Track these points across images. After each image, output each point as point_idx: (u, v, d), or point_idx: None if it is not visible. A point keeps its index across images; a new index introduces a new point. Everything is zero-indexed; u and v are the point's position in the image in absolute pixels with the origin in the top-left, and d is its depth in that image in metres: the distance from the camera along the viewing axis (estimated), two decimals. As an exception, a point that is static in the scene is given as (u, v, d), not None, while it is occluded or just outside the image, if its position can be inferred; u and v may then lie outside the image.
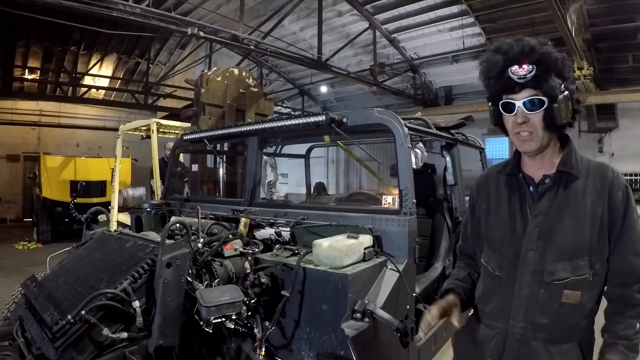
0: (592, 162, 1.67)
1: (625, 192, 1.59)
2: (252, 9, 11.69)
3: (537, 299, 1.61)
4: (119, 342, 2.09)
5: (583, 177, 1.62)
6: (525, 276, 1.63)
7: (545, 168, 1.67)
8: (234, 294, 2.13)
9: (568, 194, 1.61)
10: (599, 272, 1.59)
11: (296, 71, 16.53)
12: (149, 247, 2.48)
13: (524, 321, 1.63)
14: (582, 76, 9.56)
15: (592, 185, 1.60)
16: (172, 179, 4.90)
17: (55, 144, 17.61)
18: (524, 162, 1.74)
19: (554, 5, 6.88)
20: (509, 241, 1.70)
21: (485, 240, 1.84)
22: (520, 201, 1.71)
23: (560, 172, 1.64)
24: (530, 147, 1.61)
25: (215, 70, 5.96)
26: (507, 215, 1.74)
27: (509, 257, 1.69)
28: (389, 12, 11.90)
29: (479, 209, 1.88)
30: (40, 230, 12.09)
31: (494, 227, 1.79)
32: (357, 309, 2.19)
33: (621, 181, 1.61)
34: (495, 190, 1.82)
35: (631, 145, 12.11)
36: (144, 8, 7.77)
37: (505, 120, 1.66)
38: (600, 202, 1.58)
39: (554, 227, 1.60)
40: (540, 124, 1.57)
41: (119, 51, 16.40)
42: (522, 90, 1.56)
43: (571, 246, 1.57)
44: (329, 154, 18.55)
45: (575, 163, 1.64)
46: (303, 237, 2.85)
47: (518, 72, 1.53)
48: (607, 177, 1.61)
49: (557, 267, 1.58)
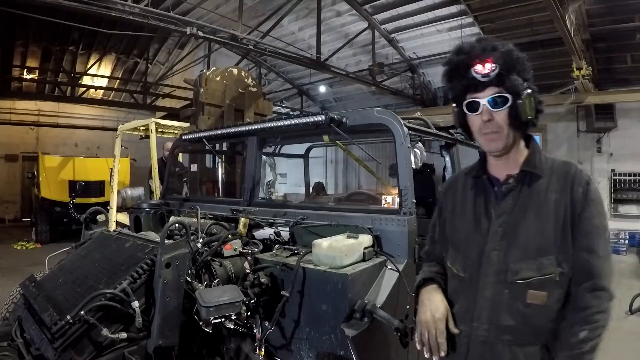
0: (556, 161, 1.67)
1: (585, 188, 1.57)
2: (251, 8, 11.67)
3: (501, 300, 1.58)
4: (118, 343, 2.09)
5: (547, 176, 1.61)
6: (489, 276, 1.61)
7: (510, 168, 1.67)
8: (233, 294, 2.13)
9: (531, 193, 1.60)
10: (567, 271, 1.54)
11: (295, 71, 16.52)
12: (148, 247, 2.48)
13: (487, 323, 1.59)
14: (581, 76, 9.55)
15: (555, 183, 1.60)
16: (171, 179, 4.89)
17: (53, 144, 17.60)
18: (490, 163, 1.74)
19: (553, 5, 6.87)
20: (473, 242, 1.68)
21: (450, 242, 1.82)
22: (485, 202, 1.70)
23: (523, 171, 1.63)
24: (496, 146, 1.60)
25: (214, 70, 5.95)
26: (471, 216, 1.72)
27: (473, 258, 1.67)
28: (387, 12, 11.89)
29: (445, 212, 1.87)
30: (38, 230, 12.09)
31: (459, 228, 1.77)
32: (357, 308, 2.18)
33: (582, 177, 1.59)
34: (462, 192, 1.81)
35: (630, 145, 12.13)
36: (143, 8, 7.76)
37: (470, 121, 1.65)
38: (563, 199, 1.56)
39: (517, 226, 1.59)
40: (505, 122, 1.57)
41: (117, 51, 16.37)
42: (486, 89, 1.56)
43: (535, 245, 1.55)
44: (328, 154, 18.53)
45: (538, 162, 1.64)
46: (302, 237, 2.84)
47: (481, 71, 1.54)
48: (569, 173, 1.60)
49: (522, 267, 1.55)
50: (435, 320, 1.66)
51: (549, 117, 13.08)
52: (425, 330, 1.66)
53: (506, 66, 1.54)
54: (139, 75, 17.28)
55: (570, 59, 9.30)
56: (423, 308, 1.72)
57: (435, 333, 1.64)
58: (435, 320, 1.66)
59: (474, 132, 1.66)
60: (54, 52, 15.44)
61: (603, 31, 10.51)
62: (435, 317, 1.67)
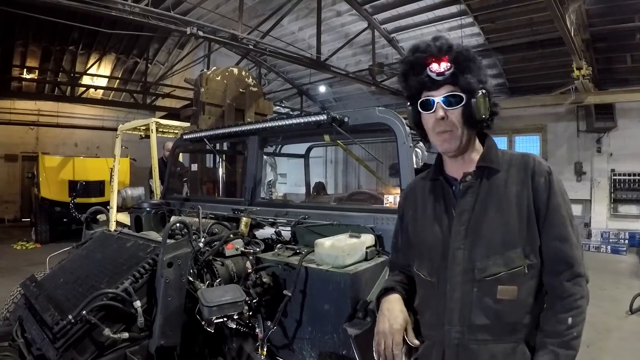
0: (514, 155, 1.65)
1: (547, 178, 1.55)
2: (251, 8, 11.67)
3: (471, 299, 1.53)
4: (120, 343, 2.08)
5: (504, 170, 1.60)
6: (456, 277, 1.56)
7: (467, 167, 1.65)
8: (235, 294, 2.13)
9: (491, 188, 1.59)
10: (535, 263, 1.53)
11: (295, 71, 16.51)
12: (149, 246, 2.47)
13: (459, 325, 1.54)
14: (581, 76, 9.56)
15: (515, 175, 1.58)
16: (172, 178, 4.89)
17: (53, 144, 17.59)
18: (446, 164, 1.71)
19: (553, 5, 6.87)
20: (437, 244, 1.65)
21: (414, 248, 1.78)
22: (444, 203, 1.67)
23: (480, 167, 1.62)
24: (450, 145, 1.58)
25: (215, 69, 5.95)
26: (432, 219, 1.70)
27: (438, 261, 1.63)
28: (387, 12, 11.88)
29: (407, 218, 1.84)
30: (38, 230, 12.07)
31: (421, 232, 1.74)
32: (360, 308, 2.18)
33: (543, 167, 1.58)
34: (421, 197, 1.78)
35: (629, 145, 12.13)
36: (143, 7, 7.75)
37: (425, 120, 1.63)
38: (525, 190, 1.55)
39: (480, 223, 1.56)
40: (459, 121, 1.55)
41: (117, 51, 16.36)
42: (441, 87, 1.55)
43: (500, 239, 1.53)
44: (328, 154, 18.54)
45: (495, 157, 1.62)
46: (304, 237, 2.84)
47: (437, 70, 1.54)
48: (528, 165, 1.58)
49: (488, 263, 1.52)
50: (393, 331, 1.62)
51: (548, 117, 13.10)
52: (382, 341, 1.62)
53: (461, 65, 1.54)
54: (138, 75, 17.26)
55: (570, 59, 9.31)
56: (382, 318, 1.68)
57: (392, 344, 1.60)
58: (392, 331, 1.62)
59: (427, 131, 1.64)
60: (53, 51, 15.42)
61: (603, 31, 10.51)
62: (393, 327, 1.63)
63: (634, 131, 12.08)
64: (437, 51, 1.54)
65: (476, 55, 1.58)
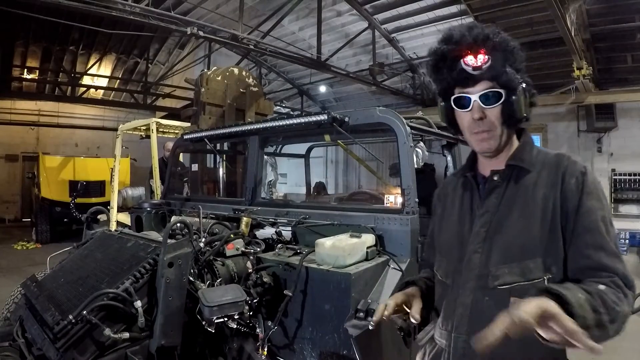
0: (549, 154, 1.48)
1: (580, 178, 1.36)
2: (251, 8, 11.68)
3: (481, 308, 1.38)
4: (120, 343, 2.08)
5: (536, 171, 1.43)
6: (469, 282, 1.43)
7: (498, 164, 1.50)
8: (236, 294, 2.13)
9: (518, 189, 1.43)
10: (556, 275, 1.33)
11: (295, 71, 16.52)
12: (150, 246, 2.47)
13: (467, 334, 1.39)
14: (582, 76, 9.56)
15: (545, 177, 1.41)
16: (172, 178, 4.89)
17: (53, 144, 17.62)
18: (480, 161, 1.58)
19: (554, 5, 6.87)
20: (455, 244, 1.53)
21: (437, 246, 1.68)
22: (470, 202, 1.55)
23: (509, 166, 1.47)
24: (489, 146, 1.45)
25: (215, 69, 5.95)
26: (457, 217, 1.58)
27: (455, 262, 1.51)
28: (388, 11, 11.89)
29: (435, 216, 1.75)
30: (39, 231, 12.09)
31: (444, 231, 1.64)
32: (360, 308, 2.18)
33: (576, 167, 1.39)
34: (452, 194, 1.66)
35: (630, 145, 12.13)
36: (144, 7, 7.76)
37: (459, 118, 1.49)
38: (552, 194, 1.37)
39: (501, 226, 1.42)
40: (498, 120, 1.41)
41: (117, 51, 16.39)
42: (478, 83, 1.39)
43: (519, 246, 1.36)
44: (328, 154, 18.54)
45: (527, 156, 1.47)
46: (305, 237, 2.84)
47: (473, 63, 1.38)
48: (560, 166, 1.41)
49: (503, 271, 1.37)
50: (392, 298, 1.55)
51: (549, 117, 13.09)
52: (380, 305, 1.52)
53: (500, 58, 1.38)
54: (139, 75, 17.29)
55: (571, 59, 9.30)
56: None
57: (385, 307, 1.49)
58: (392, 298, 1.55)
59: (463, 129, 1.50)
60: (54, 52, 15.45)
61: (603, 31, 10.51)
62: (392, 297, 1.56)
63: (634, 131, 12.08)
64: (473, 42, 1.38)
65: (515, 44, 1.42)
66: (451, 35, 1.42)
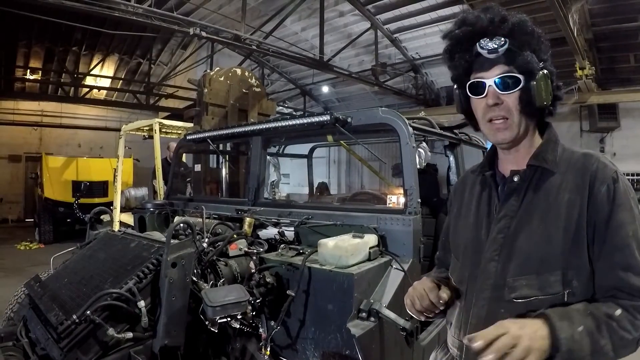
0: (575, 153, 1.36)
1: (611, 187, 1.25)
2: (253, 9, 11.69)
3: (496, 320, 1.21)
4: (124, 342, 2.08)
5: (561, 172, 1.32)
6: (485, 292, 1.35)
7: (519, 163, 1.40)
8: (239, 294, 2.13)
9: (540, 193, 1.32)
10: (578, 290, 1.24)
11: (298, 71, 16.53)
12: (153, 247, 2.48)
13: None
14: (584, 76, 9.56)
15: (571, 180, 1.30)
16: (175, 179, 4.90)
17: (56, 145, 17.67)
18: (500, 157, 1.48)
19: (556, 5, 6.87)
20: (472, 250, 1.45)
21: (452, 248, 1.61)
22: (488, 204, 1.45)
23: (531, 166, 1.36)
24: (504, 136, 1.34)
25: (218, 70, 5.96)
26: (473, 219, 1.48)
27: (469, 269, 1.43)
28: (390, 12, 11.88)
29: (451, 214, 1.66)
30: (42, 231, 12.13)
31: (460, 233, 1.54)
32: (363, 308, 2.19)
33: (607, 173, 1.27)
34: (469, 192, 1.57)
35: (633, 145, 12.10)
36: (146, 8, 7.77)
37: (475, 106, 1.40)
38: (578, 200, 1.26)
39: (519, 233, 1.32)
40: (515, 107, 1.31)
41: (120, 51, 16.44)
42: (493, 67, 1.31)
43: (539, 256, 1.27)
44: (331, 154, 18.55)
45: (551, 155, 1.35)
46: (307, 237, 2.85)
47: (488, 46, 1.31)
48: (588, 169, 1.29)
49: (521, 282, 1.28)
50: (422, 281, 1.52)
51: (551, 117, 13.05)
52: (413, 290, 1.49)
53: (518, 41, 1.30)
54: (142, 76, 17.34)
55: (573, 59, 9.30)
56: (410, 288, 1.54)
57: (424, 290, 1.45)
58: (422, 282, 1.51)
59: (478, 119, 1.41)
60: (56, 52, 15.51)
61: (606, 31, 10.49)
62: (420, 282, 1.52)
63: (637, 131, 12.05)
64: (489, 24, 1.31)
65: (536, 28, 1.33)
66: (465, 18, 1.37)
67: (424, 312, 1.44)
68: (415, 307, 1.45)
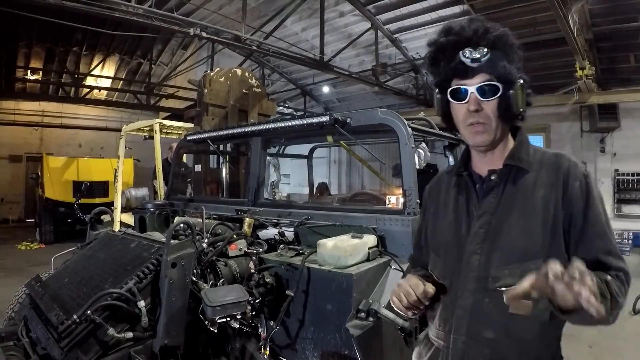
0: (547, 153, 1.49)
1: (584, 182, 1.38)
2: (254, 9, 11.68)
3: (481, 310, 1.39)
4: (124, 342, 2.10)
5: (535, 170, 1.44)
6: (469, 283, 1.43)
7: (495, 163, 1.49)
8: (238, 294, 2.15)
9: (517, 190, 1.43)
10: None
11: (298, 72, 16.52)
12: (153, 247, 2.49)
13: (466, 335, 1.42)
14: (584, 76, 9.55)
15: (544, 177, 1.42)
16: (175, 179, 4.91)
17: (57, 145, 17.69)
18: (474, 159, 1.56)
19: (556, 5, 6.86)
20: (453, 245, 1.52)
21: (431, 246, 1.66)
22: (466, 202, 1.53)
23: (507, 166, 1.46)
24: (483, 139, 1.43)
25: (218, 70, 5.97)
26: (452, 217, 1.55)
27: (452, 263, 1.50)
28: (390, 12, 11.87)
29: (428, 214, 1.72)
30: (42, 231, 12.13)
31: (439, 231, 1.61)
32: (362, 308, 2.19)
33: (579, 170, 1.41)
34: (445, 192, 1.64)
35: (633, 145, 12.09)
36: (147, 9, 7.77)
37: (455, 111, 1.48)
38: (553, 195, 1.38)
39: (500, 227, 1.41)
40: (494, 113, 1.40)
41: (121, 52, 16.45)
42: (476, 76, 1.39)
43: (520, 247, 1.37)
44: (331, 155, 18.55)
45: (525, 155, 1.46)
46: (307, 237, 2.86)
47: (471, 55, 1.38)
48: (561, 167, 1.41)
49: (504, 272, 1.37)
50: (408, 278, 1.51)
51: (552, 117, 13.05)
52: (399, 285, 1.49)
53: (499, 52, 1.39)
54: (142, 76, 17.36)
55: (574, 59, 9.30)
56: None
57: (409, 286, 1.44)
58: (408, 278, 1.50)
59: (457, 123, 1.49)
60: (57, 52, 15.53)
61: (606, 31, 10.49)
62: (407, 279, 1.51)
63: (637, 131, 12.03)
64: (473, 34, 1.39)
65: (514, 40, 1.43)
66: (451, 28, 1.44)
67: (411, 308, 1.46)
68: (402, 304, 1.46)
